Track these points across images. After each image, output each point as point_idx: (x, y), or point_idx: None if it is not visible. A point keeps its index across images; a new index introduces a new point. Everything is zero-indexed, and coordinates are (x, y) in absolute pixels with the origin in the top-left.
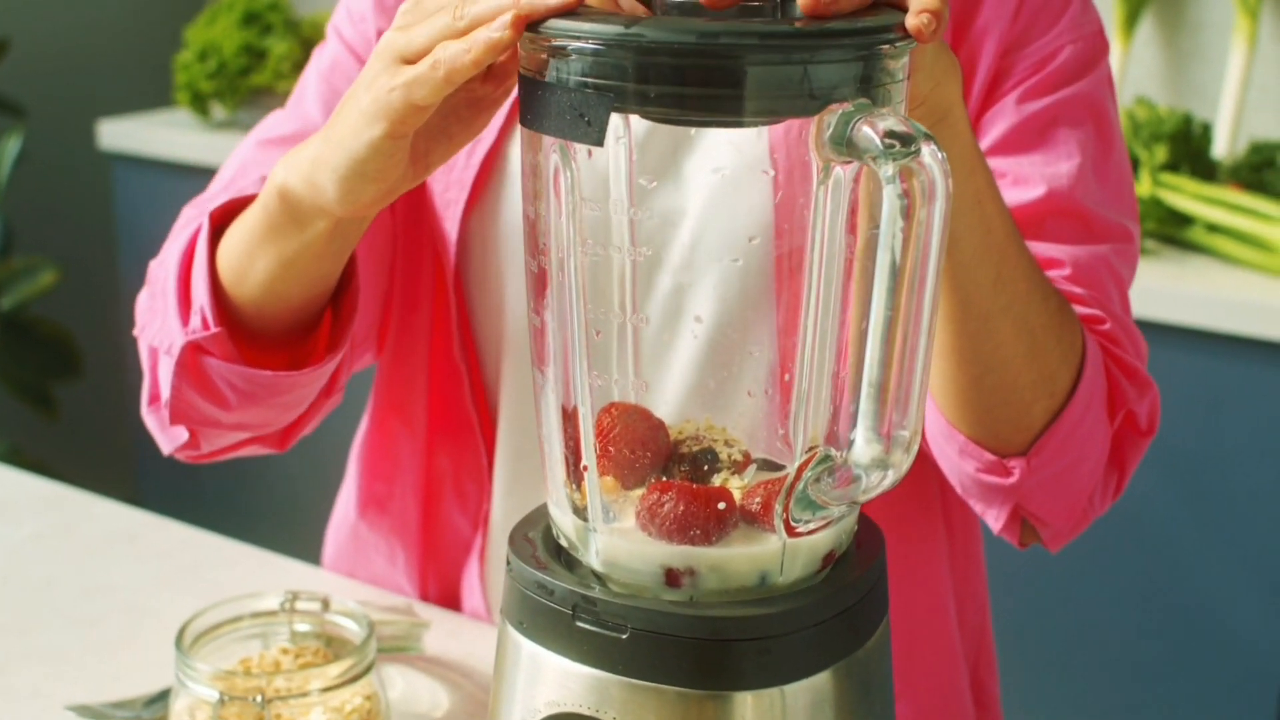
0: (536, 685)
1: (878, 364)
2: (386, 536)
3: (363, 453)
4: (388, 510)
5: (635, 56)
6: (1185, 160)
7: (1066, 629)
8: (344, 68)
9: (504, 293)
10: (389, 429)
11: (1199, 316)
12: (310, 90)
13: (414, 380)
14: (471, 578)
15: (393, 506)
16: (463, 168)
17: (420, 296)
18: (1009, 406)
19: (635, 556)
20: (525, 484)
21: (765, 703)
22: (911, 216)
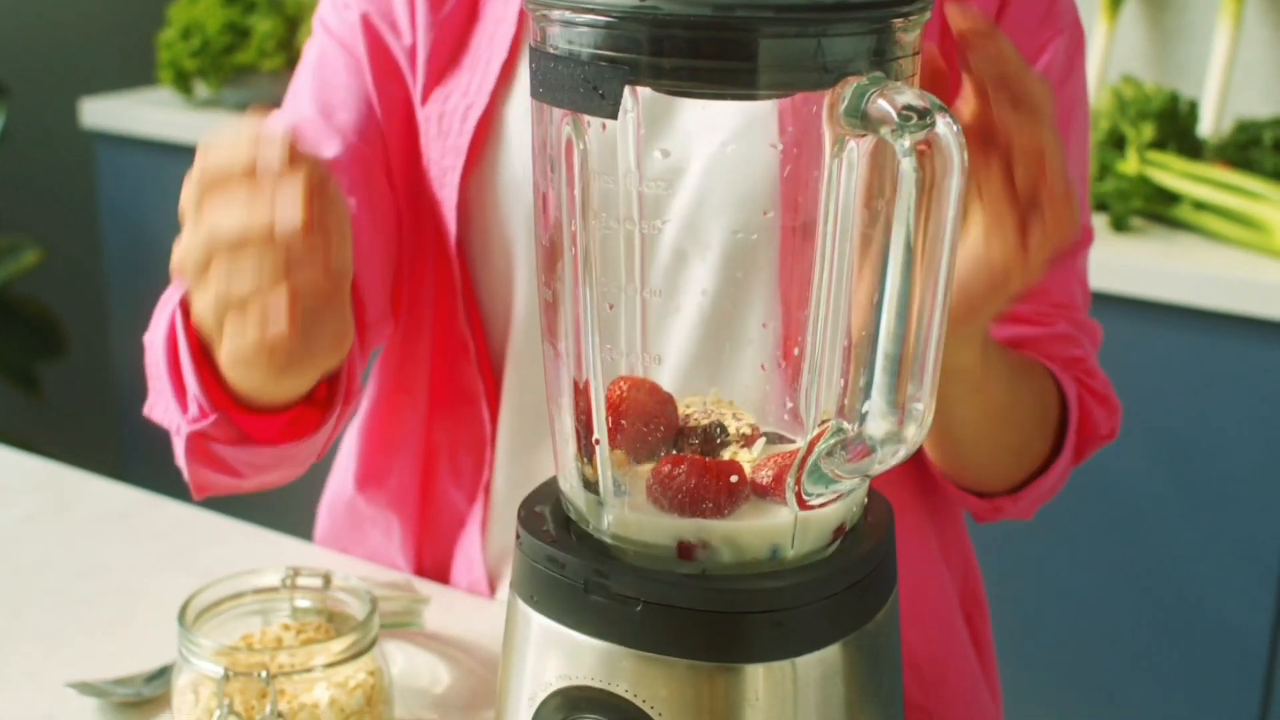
0: (547, 659)
1: (893, 337)
2: (384, 511)
3: (364, 428)
4: (386, 485)
5: (649, 29)
6: (1172, 138)
7: (1054, 609)
8: (332, 59)
9: (509, 257)
10: (392, 404)
11: (1187, 294)
12: (302, 86)
13: (417, 353)
14: (470, 549)
15: (391, 481)
16: (457, 134)
17: (424, 268)
18: (989, 479)
19: (647, 529)
20: (528, 452)
21: (777, 675)
22: (928, 189)
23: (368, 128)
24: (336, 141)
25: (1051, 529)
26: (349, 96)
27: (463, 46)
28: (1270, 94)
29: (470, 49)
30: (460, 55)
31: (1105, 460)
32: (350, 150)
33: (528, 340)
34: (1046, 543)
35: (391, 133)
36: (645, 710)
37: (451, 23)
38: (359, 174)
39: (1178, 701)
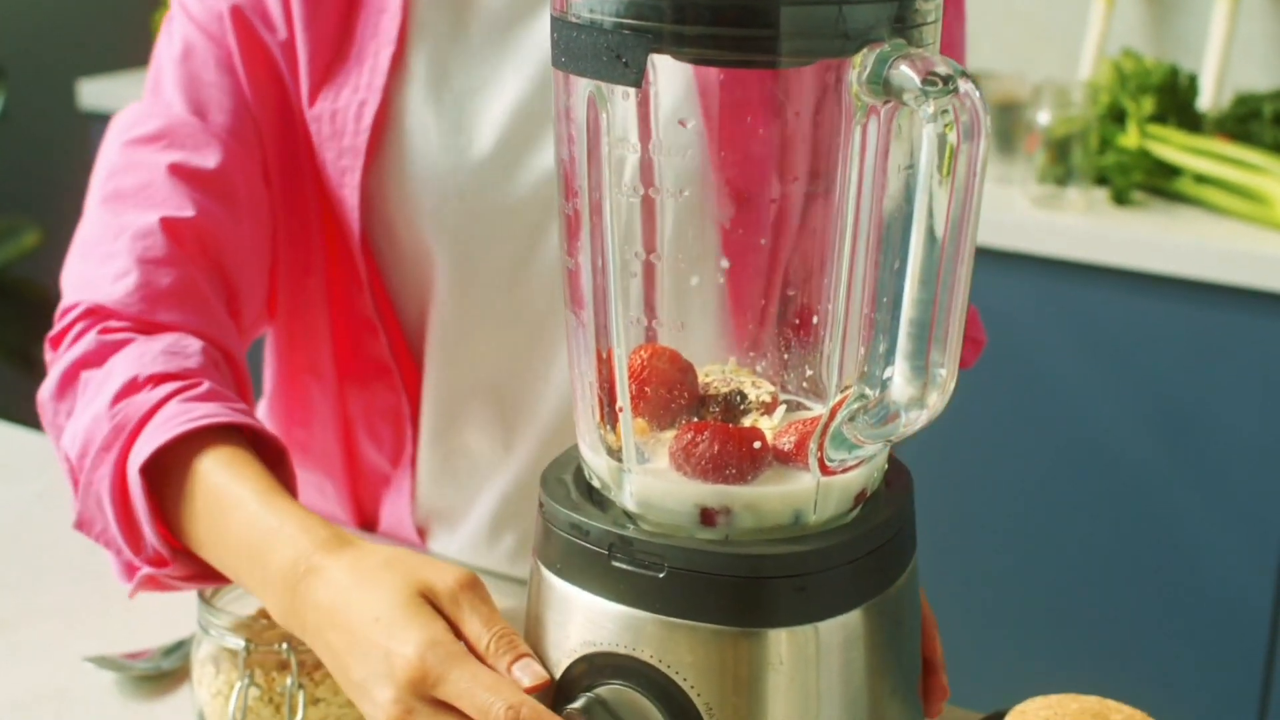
0: (570, 626)
1: (918, 303)
2: (313, 473)
3: (275, 405)
4: (310, 451)
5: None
6: (1172, 112)
7: (1056, 584)
8: (200, 52)
9: (422, 244)
10: (298, 381)
11: (1187, 267)
12: (167, 79)
13: (316, 336)
14: (399, 509)
15: (314, 448)
16: (353, 133)
17: (311, 261)
18: None
19: (670, 496)
20: (454, 431)
21: (800, 640)
22: (952, 154)
23: (244, 129)
24: (216, 148)
25: (1052, 502)
26: (223, 95)
27: (345, 40)
28: (1269, 67)
29: (355, 42)
30: (345, 49)
31: (1107, 433)
32: (230, 156)
33: (450, 320)
34: (1048, 517)
35: (268, 133)
36: (669, 675)
37: (330, 16)
38: (239, 180)
39: (1180, 675)
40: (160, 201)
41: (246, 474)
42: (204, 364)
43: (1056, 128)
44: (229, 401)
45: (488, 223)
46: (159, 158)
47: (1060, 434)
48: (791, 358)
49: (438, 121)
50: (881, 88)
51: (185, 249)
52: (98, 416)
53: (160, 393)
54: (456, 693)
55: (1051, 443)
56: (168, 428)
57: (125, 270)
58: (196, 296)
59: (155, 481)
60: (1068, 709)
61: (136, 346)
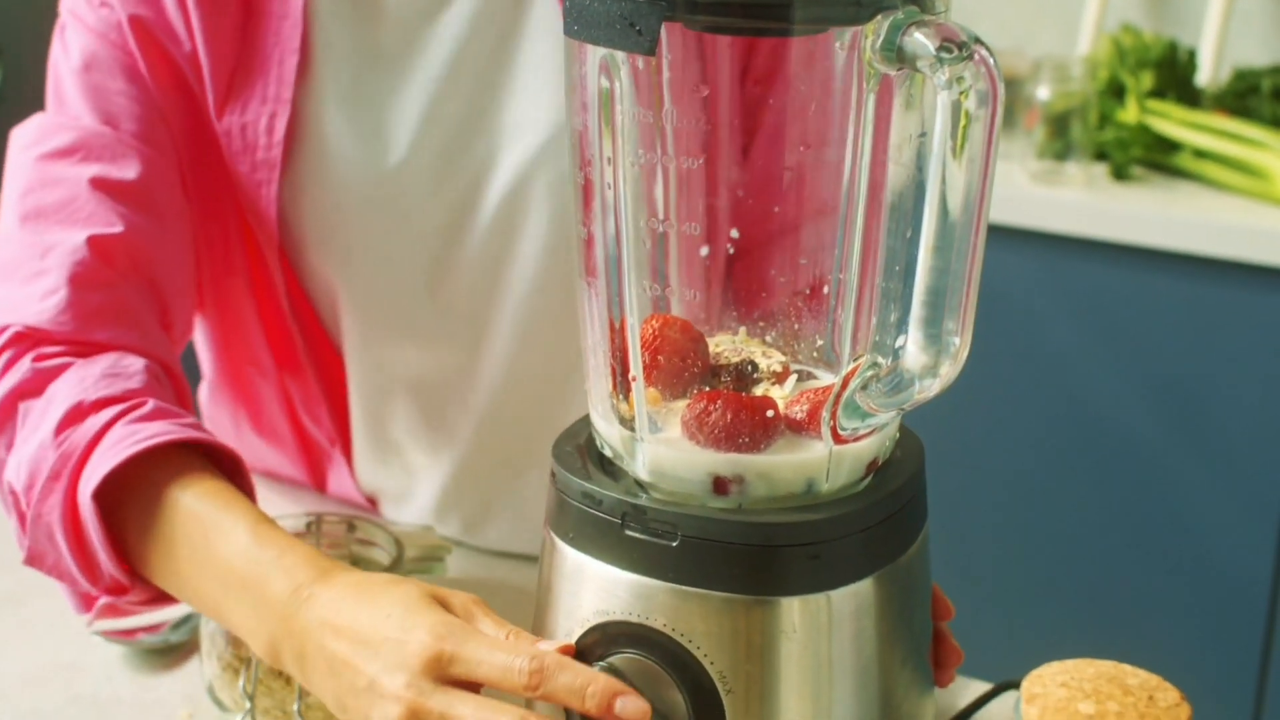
0: (583, 595)
1: (933, 271)
2: (265, 441)
3: (218, 389)
4: (259, 424)
5: None
6: (1171, 87)
7: (1051, 555)
8: (103, 61)
9: (342, 244)
10: (239, 370)
11: (1187, 241)
12: (70, 90)
13: (247, 331)
14: (343, 482)
15: (263, 422)
16: (265, 147)
17: (232, 262)
18: None
19: (683, 465)
20: (383, 425)
21: (812, 608)
22: (968, 121)
23: (157, 136)
24: (134, 158)
25: (1053, 476)
26: (132, 104)
27: (247, 50)
28: (1268, 42)
29: (257, 51)
30: (248, 60)
31: (1106, 407)
32: (149, 165)
33: (371, 322)
34: (1049, 490)
35: (181, 140)
36: (682, 644)
37: (228, 26)
38: (160, 190)
39: (1180, 646)
40: (86, 218)
41: (228, 500)
42: (147, 382)
43: (1056, 103)
44: (176, 418)
45: (404, 226)
46: (78, 171)
47: (1060, 408)
48: (802, 328)
49: (353, 128)
50: (895, 55)
51: (116, 265)
52: (43, 445)
53: (105, 416)
54: (475, 661)
55: (1051, 417)
56: (117, 451)
57: (54, 288)
58: (129, 313)
59: (109, 507)
60: (1084, 673)
61: (75, 371)
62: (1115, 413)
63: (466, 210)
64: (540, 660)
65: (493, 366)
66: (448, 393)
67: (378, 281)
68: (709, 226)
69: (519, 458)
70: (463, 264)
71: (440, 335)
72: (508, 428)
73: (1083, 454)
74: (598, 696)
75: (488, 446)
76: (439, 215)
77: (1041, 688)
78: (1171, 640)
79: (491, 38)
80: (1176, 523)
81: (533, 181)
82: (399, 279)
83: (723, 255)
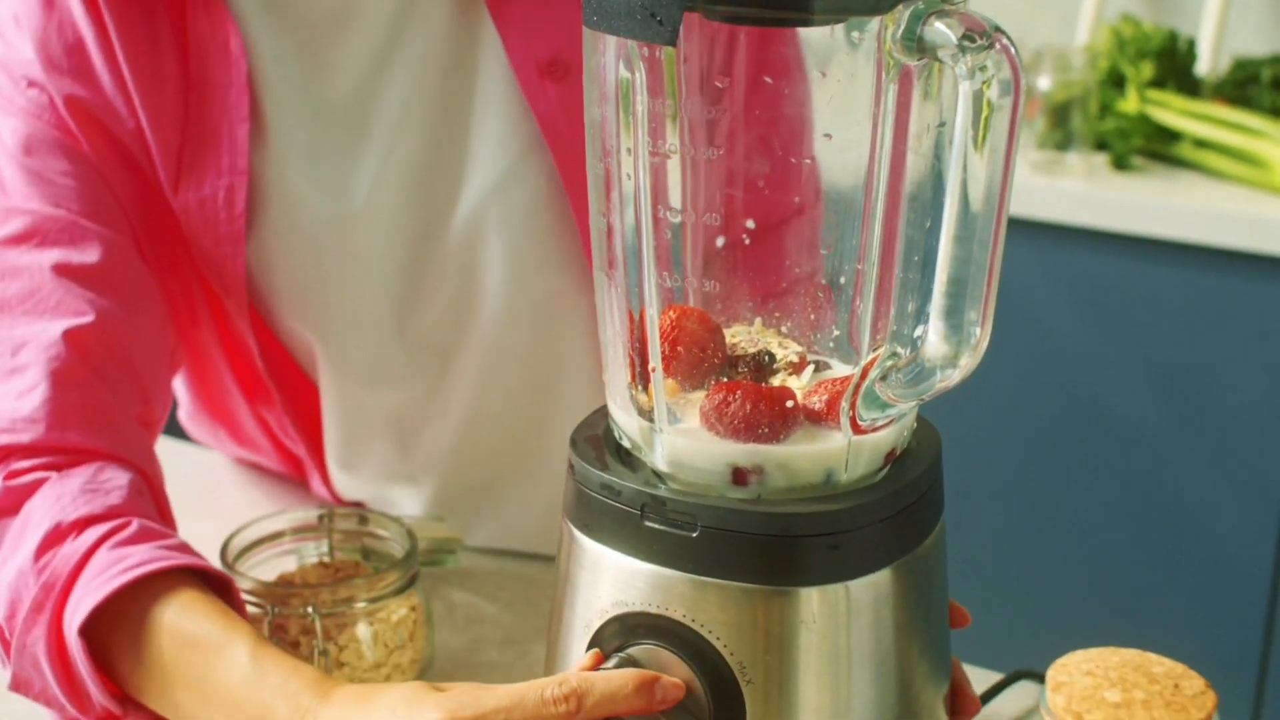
0: (601, 586)
1: (955, 261)
2: (254, 453)
3: (197, 405)
4: (238, 435)
5: None
6: (1171, 77)
7: (1055, 545)
8: (40, 142)
9: (312, 307)
10: (214, 397)
11: (1188, 231)
12: (10, 177)
13: (219, 375)
14: (323, 491)
15: (242, 433)
16: (227, 221)
17: (199, 315)
18: None
19: (702, 456)
20: (358, 457)
21: (831, 598)
22: (990, 111)
23: (110, 213)
24: (92, 239)
25: (1056, 466)
26: (79, 183)
27: (195, 123)
28: (1267, 31)
29: (206, 123)
30: (198, 134)
31: (1108, 397)
32: (108, 245)
33: (343, 366)
34: (1052, 480)
35: (134, 214)
36: (702, 634)
37: (169, 99)
38: (124, 268)
39: (1181, 633)
40: (54, 307)
41: (225, 625)
42: (128, 496)
43: (1056, 93)
44: (162, 539)
45: (370, 270)
46: (37, 258)
47: (1061, 398)
48: (818, 318)
49: (316, 185)
50: (915, 45)
51: (91, 360)
52: (22, 572)
53: (88, 540)
54: (503, 711)
55: (1052, 406)
56: (103, 581)
57: (30, 386)
58: (106, 414)
59: (97, 634)
60: (1109, 662)
61: (52, 487)
62: (1116, 402)
63: (428, 245)
64: (567, 682)
65: (463, 394)
66: (420, 423)
67: (351, 329)
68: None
69: (496, 480)
70: (428, 298)
71: (411, 369)
72: (482, 452)
73: (1083, 443)
74: (639, 690)
75: (464, 470)
76: (401, 254)
77: (1067, 676)
78: (1173, 628)
79: (442, 79)
80: (1177, 511)
81: (491, 212)
82: (369, 322)
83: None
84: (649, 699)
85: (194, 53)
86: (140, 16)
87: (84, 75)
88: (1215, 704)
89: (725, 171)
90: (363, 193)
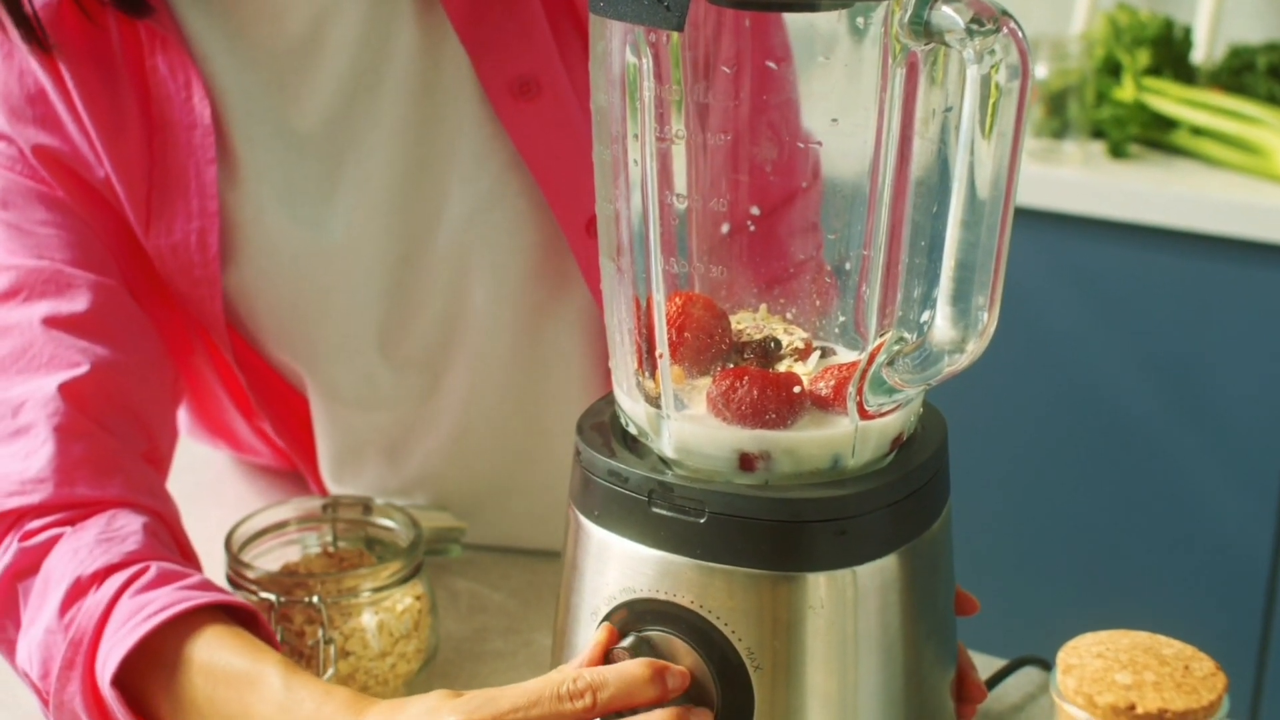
0: (608, 573)
1: (963, 245)
2: (254, 457)
3: (196, 426)
4: (242, 448)
5: None
6: (1167, 64)
7: (1055, 532)
8: (17, 195)
9: (296, 338)
10: (211, 416)
11: (1185, 219)
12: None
13: (214, 394)
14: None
15: (244, 447)
16: (201, 264)
17: (191, 344)
18: None
19: (709, 441)
20: (350, 473)
21: (839, 583)
22: (998, 96)
23: (95, 258)
24: (80, 287)
25: (1054, 453)
26: (60, 232)
27: (160, 167)
28: (1262, 19)
29: (171, 167)
30: (163, 178)
31: (1106, 385)
32: (97, 291)
33: (330, 393)
34: (1051, 467)
35: (117, 255)
36: (710, 620)
37: (135, 145)
38: (114, 312)
39: (1181, 620)
40: (47, 362)
41: (254, 655)
42: (144, 541)
43: (1053, 81)
44: (181, 579)
45: (353, 298)
46: (26, 313)
47: (1059, 385)
48: (823, 304)
49: (294, 219)
50: (923, 29)
51: (91, 410)
52: (50, 631)
53: (109, 591)
54: (520, 710)
55: (1051, 394)
56: (129, 630)
57: (36, 446)
58: (112, 461)
59: (131, 680)
60: (1119, 644)
61: (68, 542)
62: (1115, 390)
63: (411, 269)
64: (581, 677)
65: (454, 408)
66: (412, 440)
67: (337, 356)
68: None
69: (492, 489)
70: (414, 320)
71: (400, 390)
72: (477, 463)
73: (1082, 431)
74: (653, 680)
75: (460, 482)
76: (384, 280)
77: (1078, 659)
78: (1174, 615)
79: (413, 105)
80: (1176, 498)
81: (473, 232)
82: (355, 348)
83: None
84: (662, 688)
85: (155, 97)
86: (96, 66)
87: (49, 124)
88: (1225, 685)
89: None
90: (341, 224)
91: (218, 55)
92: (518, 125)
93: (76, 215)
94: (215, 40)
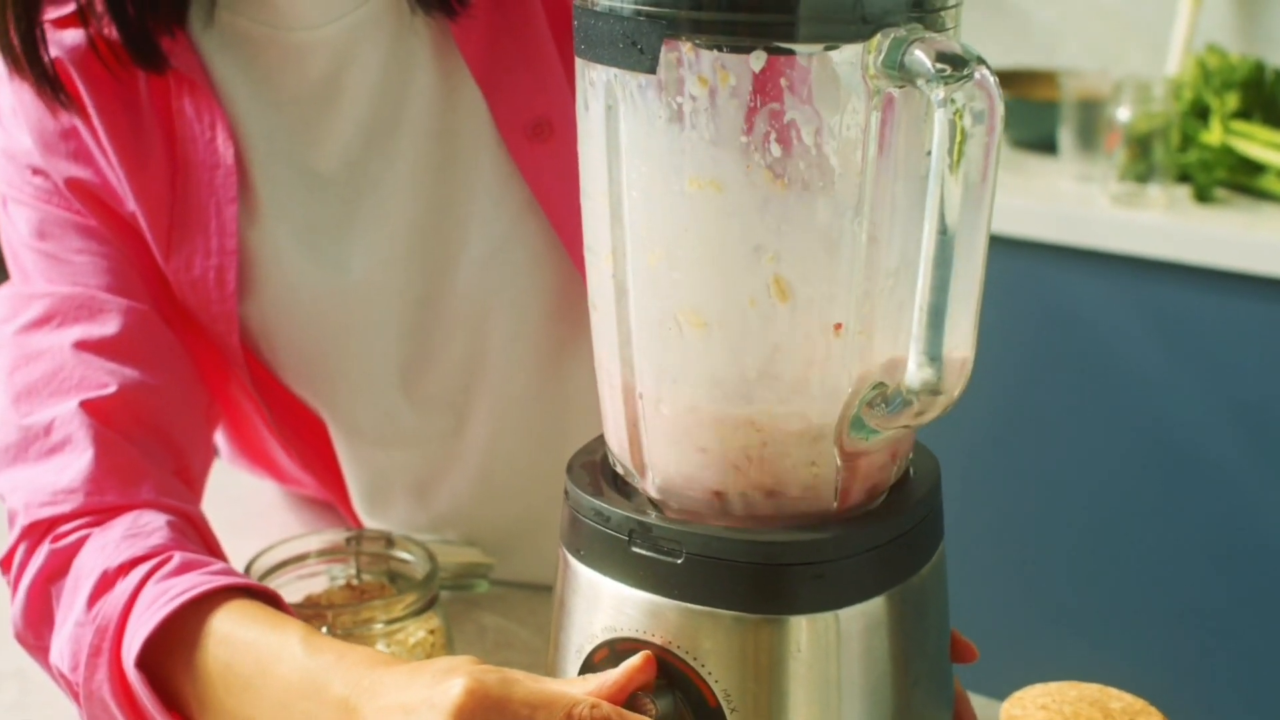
0: (594, 612)
1: (932, 288)
2: (306, 490)
3: (238, 459)
4: (285, 479)
5: None
6: (1257, 108)
7: (1135, 577)
8: (54, 226)
9: (317, 375)
10: (255, 444)
11: (1271, 265)
12: (29, 263)
13: (250, 420)
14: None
15: (286, 477)
16: (219, 300)
17: (229, 372)
18: None
19: (692, 483)
20: (380, 510)
21: (820, 627)
22: (964, 137)
23: (129, 283)
24: (112, 312)
25: (1132, 500)
26: (96, 259)
27: (181, 204)
28: None
29: (192, 205)
30: (184, 215)
31: (1189, 431)
32: (129, 314)
33: (353, 432)
34: (1128, 514)
35: (153, 283)
36: (688, 661)
37: (158, 182)
38: (146, 335)
39: (1265, 677)
40: (75, 384)
41: (274, 623)
42: (169, 536)
43: (1138, 124)
44: (204, 567)
45: (373, 337)
46: (59, 338)
47: (1140, 432)
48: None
49: (313, 258)
50: (897, 72)
51: (117, 425)
52: (79, 623)
53: (134, 580)
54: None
55: (1131, 441)
56: (152, 613)
57: (69, 461)
58: (139, 471)
59: (156, 663)
60: (1066, 696)
61: (95, 540)
62: (1197, 437)
63: (430, 309)
64: (600, 708)
65: (478, 445)
66: (439, 477)
67: (358, 395)
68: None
69: (520, 524)
70: (435, 360)
71: (423, 429)
72: (503, 499)
73: (1164, 479)
74: None
75: (487, 518)
76: (403, 320)
77: (1021, 710)
78: (1254, 676)
79: (431, 148)
80: (1259, 549)
81: (492, 273)
82: (377, 388)
83: None
84: None
85: (180, 138)
86: (123, 107)
87: (81, 157)
88: None
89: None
90: (359, 265)
91: (242, 99)
92: (532, 167)
93: (111, 243)
94: (241, 85)
